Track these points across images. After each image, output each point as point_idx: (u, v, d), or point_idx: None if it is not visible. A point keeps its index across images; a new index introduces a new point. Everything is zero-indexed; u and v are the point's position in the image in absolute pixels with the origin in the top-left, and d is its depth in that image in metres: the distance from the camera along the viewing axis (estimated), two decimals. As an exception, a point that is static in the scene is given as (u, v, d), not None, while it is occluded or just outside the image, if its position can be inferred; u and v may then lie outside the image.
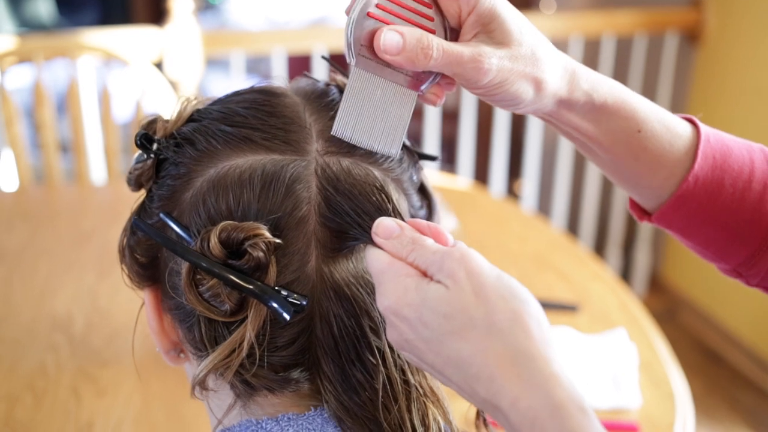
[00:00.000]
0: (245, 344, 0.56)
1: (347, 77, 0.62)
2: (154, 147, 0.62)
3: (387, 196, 0.59)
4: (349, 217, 0.58)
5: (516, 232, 1.78)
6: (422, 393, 0.60)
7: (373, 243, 0.57)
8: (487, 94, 0.61)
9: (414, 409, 0.59)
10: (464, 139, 2.77)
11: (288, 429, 0.58)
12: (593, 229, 3.00)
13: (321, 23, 4.11)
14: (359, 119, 0.60)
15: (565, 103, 0.64)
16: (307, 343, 0.59)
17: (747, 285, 0.73)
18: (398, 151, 0.62)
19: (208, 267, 0.56)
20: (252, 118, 0.61)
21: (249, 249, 0.55)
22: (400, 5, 0.60)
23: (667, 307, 2.95)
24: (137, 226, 0.62)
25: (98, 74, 2.32)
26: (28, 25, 4.05)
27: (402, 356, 0.58)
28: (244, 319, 0.57)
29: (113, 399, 1.21)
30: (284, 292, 0.56)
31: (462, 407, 0.59)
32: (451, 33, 0.61)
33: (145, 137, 0.62)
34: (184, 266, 0.57)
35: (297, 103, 0.62)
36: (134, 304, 0.67)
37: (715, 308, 2.76)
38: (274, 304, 0.55)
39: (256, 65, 3.64)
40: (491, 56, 0.59)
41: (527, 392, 0.48)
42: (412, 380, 0.59)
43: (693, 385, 1.35)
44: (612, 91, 0.66)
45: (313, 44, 2.54)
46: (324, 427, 0.59)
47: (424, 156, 0.68)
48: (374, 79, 0.60)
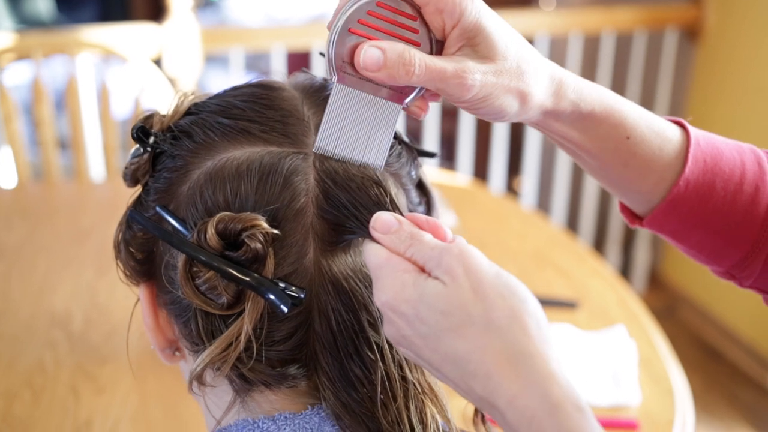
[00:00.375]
0: (242, 337, 0.56)
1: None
2: (151, 140, 0.61)
3: (385, 190, 0.58)
4: (347, 210, 0.57)
5: (515, 229, 1.78)
6: (420, 390, 0.60)
7: (370, 237, 0.56)
8: (471, 108, 0.61)
9: (412, 406, 0.59)
10: (464, 135, 2.77)
11: (285, 428, 0.58)
12: (593, 226, 3.00)
13: (320, 20, 4.10)
14: (342, 134, 0.59)
15: (551, 113, 0.64)
16: (304, 337, 0.58)
17: (740, 286, 0.73)
18: (383, 164, 0.61)
19: (205, 259, 0.55)
20: (250, 110, 0.60)
21: (246, 240, 0.55)
22: (383, 19, 0.58)
23: (667, 303, 2.95)
24: (133, 218, 0.62)
25: (97, 71, 2.31)
26: (27, 22, 4.04)
27: (400, 352, 0.58)
28: (241, 313, 0.56)
29: (111, 396, 1.21)
30: (282, 285, 0.56)
31: (460, 404, 0.58)
32: (437, 45, 0.60)
33: (142, 130, 0.61)
34: (181, 259, 0.57)
35: (295, 97, 0.62)
36: (133, 300, 0.67)
37: (715, 305, 2.76)
38: (271, 296, 0.55)
39: (256, 62, 3.63)
40: (475, 72, 0.58)
41: (524, 390, 0.47)
42: (411, 377, 0.59)
43: (692, 382, 1.35)
44: (600, 99, 0.65)
45: (313, 41, 2.54)
46: (321, 425, 0.59)
47: (423, 152, 0.67)
48: (356, 94, 0.59)
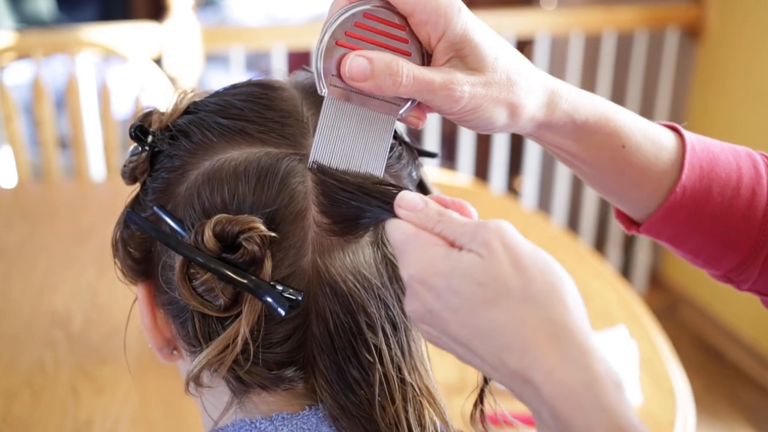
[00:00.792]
0: (239, 340, 0.55)
1: None
2: (149, 139, 0.61)
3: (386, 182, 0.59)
4: (352, 203, 0.57)
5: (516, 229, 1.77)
6: (418, 392, 0.59)
7: (392, 215, 0.55)
8: (460, 120, 0.60)
9: (410, 408, 0.58)
10: (464, 135, 2.76)
11: (282, 428, 0.58)
12: (593, 226, 2.99)
13: (321, 19, 4.10)
14: (336, 148, 0.58)
15: (544, 125, 0.63)
16: (302, 339, 0.58)
17: (738, 290, 0.72)
18: (381, 174, 0.60)
19: (202, 261, 0.55)
20: (248, 110, 0.60)
21: (244, 242, 0.55)
22: (372, 30, 0.57)
23: (668, 304, 2.95)
24: (130, 218, 0.61)
25: (97, 70, 2.31)
26: (27, 21, 4.04)
27: (420, 330, 0.56)
28: (238, 315, 0.56)
29: (111, 396, 1.21)
30: (279, 287, 0.55)
31: (458, 407, 0.58)
32: (427, 56, 0.59)
33: (140, 129, 0.61)
34: (178, 260, 0.57)
35: (294, 97, 0.61)
36: (133, 301, 0.67)
37: (716, 305, 2.75)
38: (268, 299, 0.54)
39: (256, 61, 3.63)
40: (463, 83, 0.57)
41: (564, 364, 0.47)
42: (409, 379, 0.59)
43: (693, 383, 1.35)
44: (594, 109, 0.64)
45: (313, 40, 2.53)
46: (318, 426, 0.58)
47: (423, 153, 0.67)
48: (348, 107, 0.58)
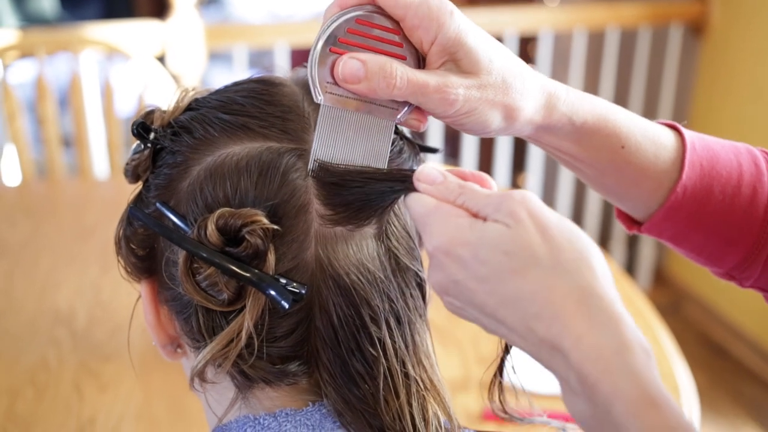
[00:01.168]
0: (243, 334, 0.55)
1: None
2: (151, 136, 0.61)
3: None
4: (355, 188, 0.57)
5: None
6: (422, 386, 0.59)
7: (412, 190, 0.56)
8: (455, 123, 0.60)
9: (414, 401, 0.58)
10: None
11: (286, 424, 0.58)
12: (597, 223, 2.99)
13: (322, 17, 4.11)
14: (334, 156, 0.58)
15: (543, 127, 0.63)
16: (305, 333, 0.58)
17: (741, 287, 0.72)
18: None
19: (206, 255, 0.55)
20: (250, 106, 0.60)
21: (247, 236, 0.55)
22: (364, 36, 0.57)
23: (672, 300, 2.94)
24: (133, 214, 0.62)
25: (101, 68, 2.31)
26: (30, 19, 4.04)
27: (444, 302, 0.56)
28: (241, 309, 0.56)
29: (115, 394, 1.21)
30: (283, 281, 0.55)
31: (462, 402, 0.58)
32: (422, 60, 0.59)
33: (142, 126, 0.61)
34: (181, 255, 0.57)
35: (296, 93, 0.62)
36: (136, 298, 0.67)
37: (720, 301, 2.75)
38: (272, 293, 0.54)
39: (259, 59, 3.63)
40: (458, 86, 0.57)
41: (593, 330, 0.47)
42: (413, 372, 0.59)
43: (698, 379, 1.35)
44: (593, 110, 0.64)
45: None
46: (322, 422, 0.58)
47: (425, 148, 0.67)
48: (346, 114, 0.58)
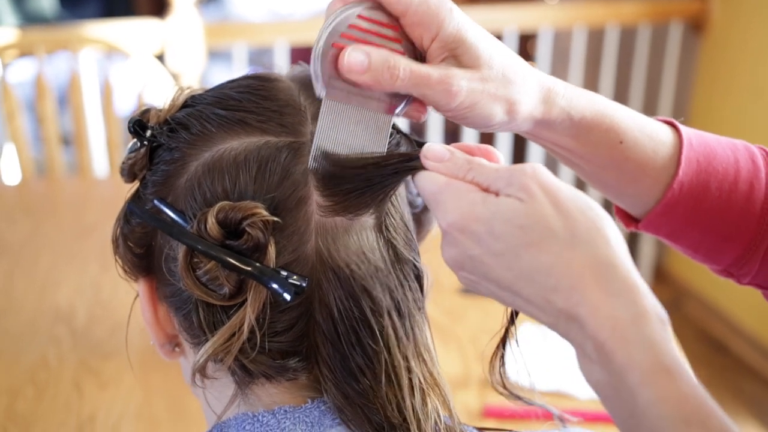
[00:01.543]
0: (245, 327, 0.55)
1: None
2: (148, 134, 0.61)
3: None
4: (355, 176, 0.57)
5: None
6: (422, 380, 0.59)
7: (420, 168, 0.56)
8: (457, 116, 0.60)
9: (416, 396, 0.58)
10: (467, 130, 2.76)
11: (284, 421, 0.58)
12: (597, 220, 2.98)
13: (323, 14, 4.11)
14: (335, 149, 0.58)
15: (542, 122, 0.64)
16: (305, 328, 0.58)
17: (739, 284, 0.73)
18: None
19: (206, 249, 0.55)
20: (246, 101, 0.60)
21: (247, 228, 0.55)
22: (366, 31, 0.58)
23: (672, 297, 2.94)
24: (131, 210, 0.62)
25: (100, 67, 2.31)
26: (30, 18, 4.04)
27: (459, 277, 0.56)
28: (242, 303, 0.56)
29: (115, 392, 1.21)
30: (284, 273, 0.55)
31: (462, 399, 0.58)
32: (420, 57, 0.59)
33: (139, 124, 0.61)
34: (181, 250, 0.57)
35: (291, 87, 0.62)
36: (134, 297, 0.67)
37: (720, 298, 2.75)
38: (274, 285, 0.54)
39: (259, 57, 3.63)
40: (460, 78, 0.58)
41: (610, 299, 0.48)
42: (414, 367, 0.59)
43: (698, 375, 1.33)
44: (590, 105, 0.65)
45: (316, 36, 2.53)
46: (321, 419, 0.58)
47: (421, 144, 0.67)
48: (346, 108, 0.59)
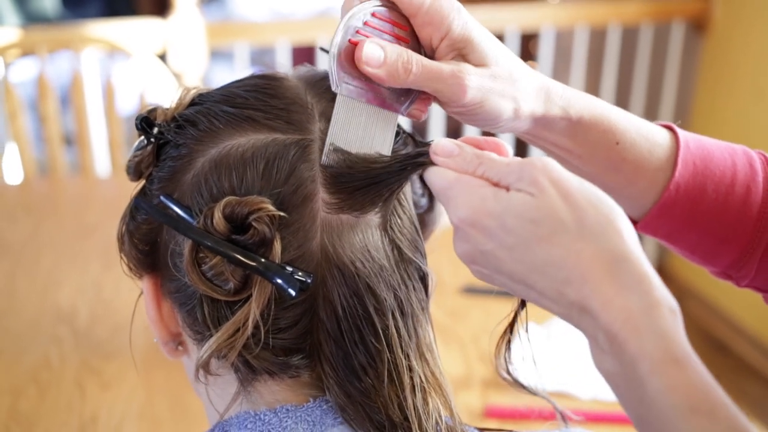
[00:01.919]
0: (250, 323, 0.56)
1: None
2: (155, 131, 0.61)
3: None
4: (360, 174, 0.58)
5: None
6: (424, 379, 0.59)
7: (429, 164, 0.57)
8: (467, 112, 0.61)
9: (418, 395, 0.58)
10: (470, 130, 2.76)
11: (286, 420, 0.58)
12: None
13: (325, 14, 4.10)
14: (347, 144, 0.60)
15: (541, 121, 0.65)
16: (309, 325, 0.58)
17: (737, 286, 0.73)
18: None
19: (212, 244, 0.55)
20: (254, 99, 0.60)
21: (254, 223, 0.55)
22: (378, 29, 0.61)
23: (673, 297, 2.94)
24: (138, 204, 0.62)
25: (102, 67, 2.32)
26: (32, 17, 4.04)
27: (471, 270, 0.57)
28: (247, 299, 0.56)
29: (117, 392, 1.22)
30: (289, 269, 0.56)
31: (464, 399, 0.58)
32: (427, 56, 0.61)
33: (146, 121, 0.62)
34: (187, 245, 0.57)
35: (298, 86, 0.62)
36: (138, 295, 0.67)
37: (722, 298, 2.75)
38: (279, 281, 0.55)
39: (261, 56, 3.63)
40: (472, 73, 0.59)
41: (622, 291, 0.48)
42: (416, 365, 0.59)
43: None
44: (588, 106, 0.66)
45: (318, 35, 2.54)
46: (323, 418, 0.58)
47: (425, 144, 0.67)
48: (358, 104, 0.61)
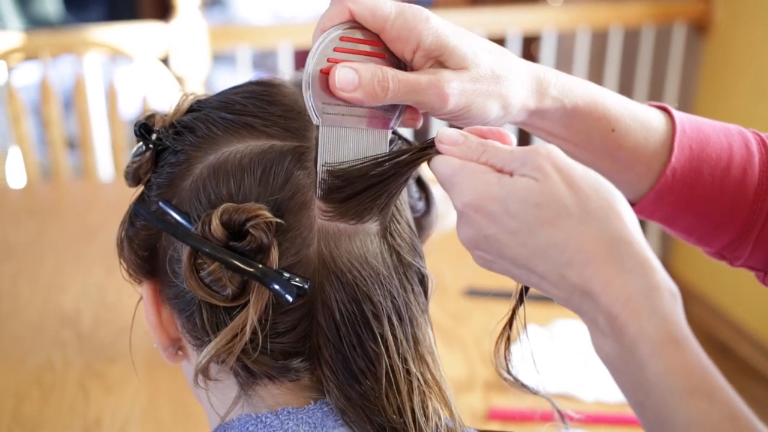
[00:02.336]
0: (248, 328, 0.56)
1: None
2: (153, 137, 0.62)
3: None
4: (359, 183, 0.58)
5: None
6: (423, 382, 0.60)
7: (433, 157, 0.57)
8: (454, 118, 0.61)
9: (416, 398, 0.59)
10: (471, 132, 2.76)
11: (288, 422, 0.58)
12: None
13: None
14: (338, 175, 0.59)
15: (536, 112, 0.64)
16: (308, 329, 0.58)
17: (731, 266, 0.73)
18: None
19: (210, 250, 0.55)
20: (252, 106, 0.61)
21: (251, 230, 0.55)
22: (350, 52, 0.59)
23: (677, 299, 2.94)
24: (137, 211, 0.62)
25: (105, 70, 2.32)
26: (34, 22, 4.05)
27: (474, 256, 0.57)
28: (245, 304, 0.57)
29: (120, 395, 1.22)
30: (286, 275, 0.56)
31: (467, 402, 0.58)
32: (405, 68, 0.60)
33: (144, 127, 0.62)
34: (185, 251, 0.57)
35: (296, 93, 0.62)
36: (138, 299, 0.67)
37: (725, 301, 2.74)
38: (276, 287, 0.55)
39: (263, 60, 3.63)
40: (451, 80, 0.58)
41: (623, 274, 0.49)
42: (414, 369, 0.59)
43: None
44: (583, 93, 0.65)
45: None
46: (323, 420, 0.59)
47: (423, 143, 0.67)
48: (343, 131, 0.60)
